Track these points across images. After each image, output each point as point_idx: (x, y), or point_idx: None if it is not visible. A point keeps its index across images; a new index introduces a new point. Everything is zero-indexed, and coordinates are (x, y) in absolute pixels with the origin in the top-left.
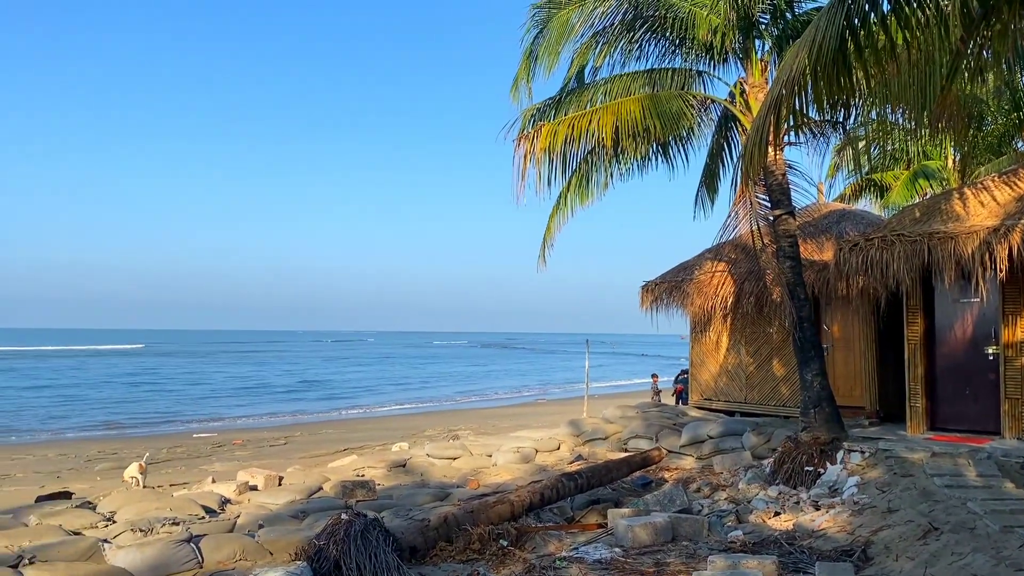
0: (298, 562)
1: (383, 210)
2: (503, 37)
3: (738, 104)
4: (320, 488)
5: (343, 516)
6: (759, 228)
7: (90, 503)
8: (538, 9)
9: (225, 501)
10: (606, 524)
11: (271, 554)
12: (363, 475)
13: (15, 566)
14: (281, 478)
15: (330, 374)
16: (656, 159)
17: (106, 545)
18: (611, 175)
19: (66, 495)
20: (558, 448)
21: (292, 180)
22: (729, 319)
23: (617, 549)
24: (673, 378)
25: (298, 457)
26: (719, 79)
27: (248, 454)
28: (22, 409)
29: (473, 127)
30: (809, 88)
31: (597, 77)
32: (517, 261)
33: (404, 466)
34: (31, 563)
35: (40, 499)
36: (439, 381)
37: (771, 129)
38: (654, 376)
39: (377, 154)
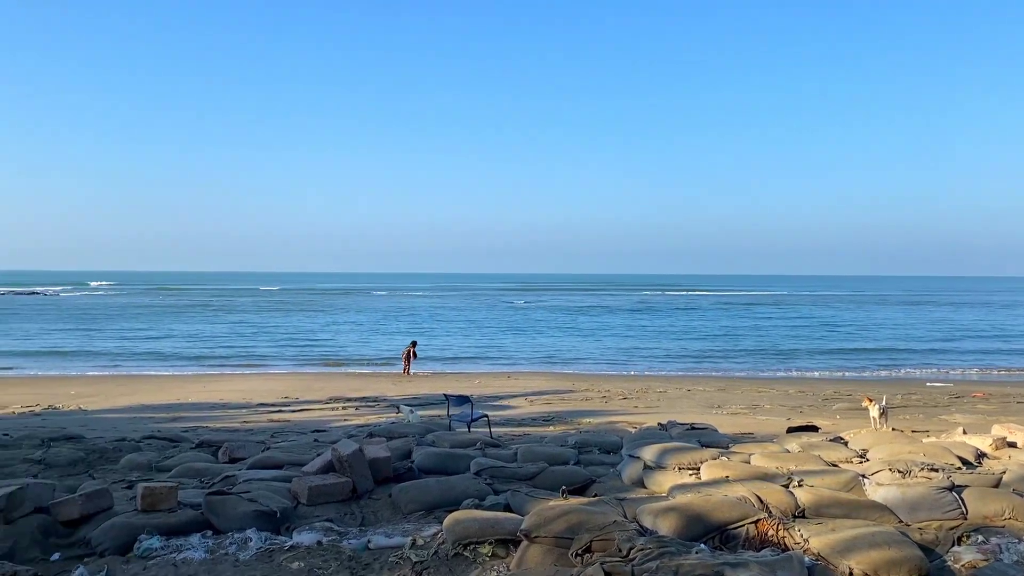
0: None
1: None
2: None
3: None
4: None
5: None
6: None
7: (841, 438)
8: None
9: (980, 455)
10: None
11: None
12: None
13: (786, 485)
14: None
15: None
16: None
17: (864, 480)
18: None
19: (813, 428)
20: None
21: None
22: None
23: None
24: None
25: None
26: None
27: (992, 408)
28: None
29: None
30: None
31: None
32: None
33: None
34: (800, 485)
35: (791, 430)
36: None
37: None
38: None
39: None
